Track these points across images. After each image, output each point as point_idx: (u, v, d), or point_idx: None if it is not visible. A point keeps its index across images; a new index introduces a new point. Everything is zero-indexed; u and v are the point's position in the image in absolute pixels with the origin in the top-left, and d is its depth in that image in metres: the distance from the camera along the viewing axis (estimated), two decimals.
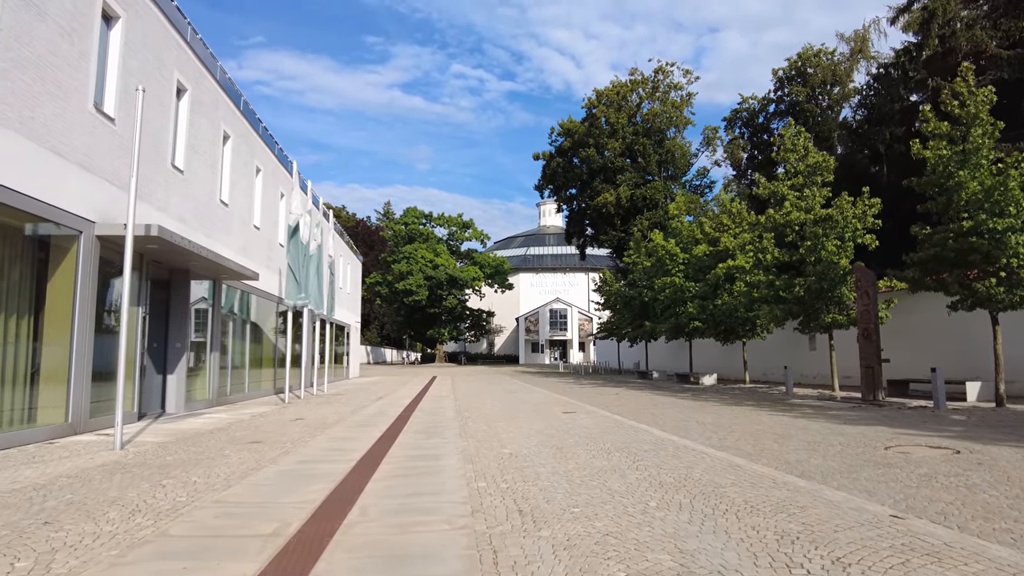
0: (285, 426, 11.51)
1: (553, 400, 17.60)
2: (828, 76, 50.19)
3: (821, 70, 50.71)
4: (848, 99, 49.60)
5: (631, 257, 33.37)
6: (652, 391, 21.41)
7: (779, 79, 52.46)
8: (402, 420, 12.55)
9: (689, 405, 15.41)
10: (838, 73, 50.17)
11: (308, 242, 19.57)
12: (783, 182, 18.33)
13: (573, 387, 24.40)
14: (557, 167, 48.45)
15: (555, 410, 14.27)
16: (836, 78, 50.32)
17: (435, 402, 17.51)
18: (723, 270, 22.02)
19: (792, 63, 51.34)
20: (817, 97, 51.38)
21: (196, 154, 14.56)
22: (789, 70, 51.61)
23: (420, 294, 60.02)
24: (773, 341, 23.72)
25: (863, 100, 46.43)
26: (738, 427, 10.79)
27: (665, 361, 35.30)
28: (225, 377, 17.69)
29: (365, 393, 21.88)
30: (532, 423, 11.59)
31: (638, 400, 17.27)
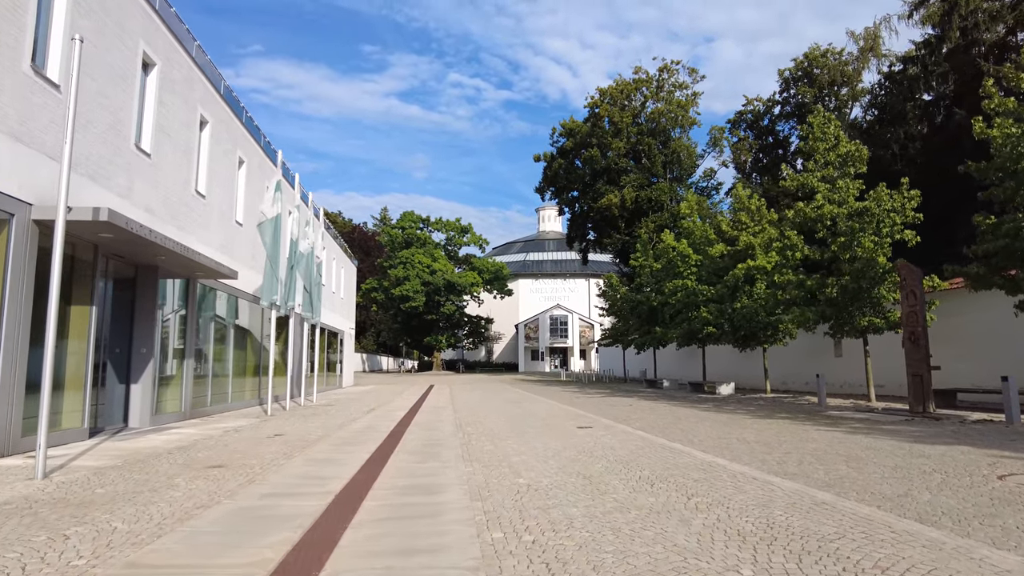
0: (259, 444, 9.92)
1: (562, 412, 16.02)
2: (836, 76, 48.95)
3: (828, 70, 49.49)
4: (858, 99, 48.30)
5: (638, 260, 31.85)
6: (668, 402, 19.84)
7: (785, 80, 51.22)
8: (395, 437, 10.97)
9: (717, 418, 13.84)
10: (846, 73, 48.93)
11: (297, 240, 18.03)
12: (812, 173, 16.84)
13: (580, 397, 22.81)
14: (559, 168, 46.94)
15: (568, 424, 12.69)
16: (844, 78, 49.06)
17: (432, 414, 15.93)
18: (742, 271, 20.49)
19: (798, 63, 50.10)
20: (824, 98, 50.13)
21: (167, 137, 13.02)
22: (795, 70, 50.37)
23: (417, 300, 58.37)
24: (794, 348, 22.19)
25: (873, 100, 45.11)
26: (789, 445, 9.23)
27: (674, 369, 33.69)
28: (204, 386, 16.12)
29: (357, 404, 20.27)
30: (546, 441, 10.02)
31: (656, 412, 15.71)
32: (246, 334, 19.33)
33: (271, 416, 15.46)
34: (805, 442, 9.62)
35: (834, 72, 49.12)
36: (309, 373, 24.84)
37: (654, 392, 25.42)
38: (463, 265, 66.92)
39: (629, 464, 7.66)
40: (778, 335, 20.65)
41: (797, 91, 50.28)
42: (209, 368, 16.73)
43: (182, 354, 14.22)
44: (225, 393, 17.72)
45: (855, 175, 16.58)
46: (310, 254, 20.25)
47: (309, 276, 19.53)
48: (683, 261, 25.45)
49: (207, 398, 16.28)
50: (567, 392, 26.63)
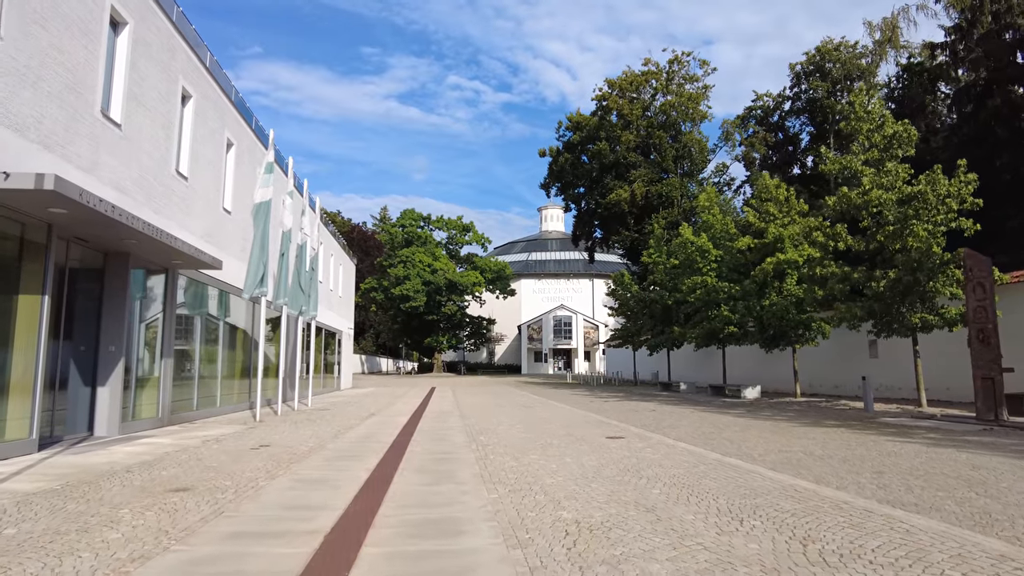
0: (240, 458, 8.41)
1: (582, 418, 14.51)
2: (852, 70, 47.51)
3: (842, 64, 48.05)
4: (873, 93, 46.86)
5: (651, 256, 30.32)
6: (692, 407, 18.34)
7: (796, 74, 49.77)
8: (398, 449, 9.46)
9: (761, 426, 12.34)
10: (860, 67, 47.53)
11: (289, 230, 16.54)
12: (856, 156, 15.35)
13: (594, 401, 21.30)
14: (565, 163, 45.36)
15: (594, 434, 11.18)
16: (858, 72, 47.64)
17: (438, 420, 14.42)
18: (771, 265, 18.99)
19: (810, 57, 48.70)
20: (837, 93, 48.69)
21: (142, 109, 11.53)
22: (807, 64, 48.94)
23: (418, 300, 56.78)
24: (822, 349, 20.69)
25: (890, 93, 43.66)
26: (874, 462, 7.74)
27: (689, 371, 32.15)
28: (187, 389, 14.65)
29: (356, 408, 18.76)
30: (577, 455, 8.52)
31: (687, 418, 14.21)
32: (236, 332, 17.84)
33: (260, 422, 13.94)
34: (888, 457, 8.11)
35: (848, 66, 47.71)
36: (304, 375, 23.34)
37: (672, 396, 23.90)
38: (465, 264, 65.34)
39: (693, 489, 6.15)
40: (810, 334, 19.16)
41: (809, 86, 48.84)
42: (194, 369, 15.26)
43: (160, 353, 12.71)
44: (212, 396, 16.24)
45: (902, 158, 15.11)
46: (304, 246, 18.75)
47: (302, 270, 18.03)
48: (702, 256, 23.94)
49: (191, 402, 14.80)
50: (578, 395, 25.12)
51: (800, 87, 49.96)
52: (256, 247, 13.94)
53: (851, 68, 47.59)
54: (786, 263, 18.85)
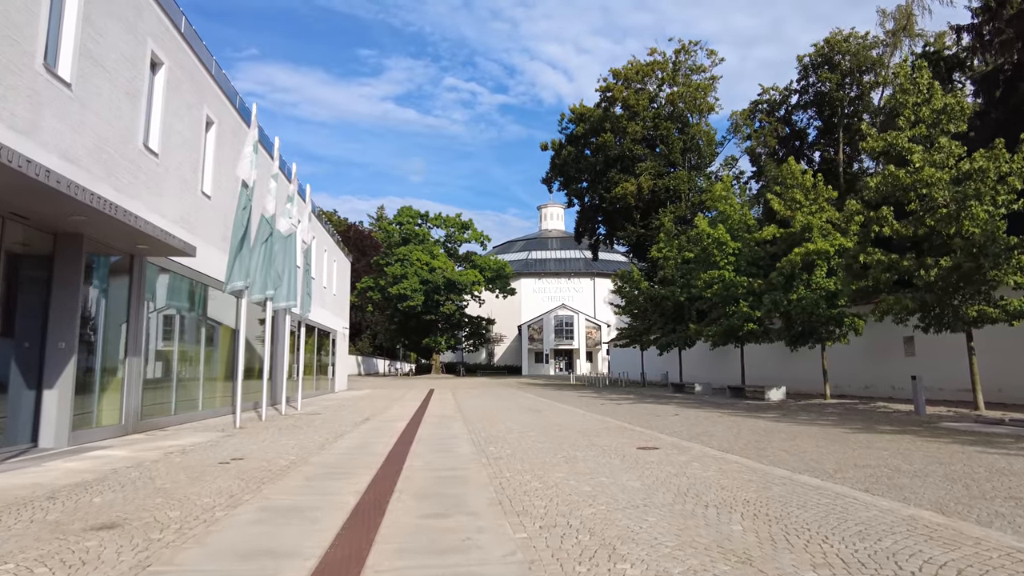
0: (201, 477, 6.90)
1: (600, 424, 13.02)
2: (862, 61, 46.13)
3: (852, 56, 46.67)
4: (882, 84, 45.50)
5: (661, 251, 28.85)
6: (716, 410, 16.86)
7: (804, 67, 48.37)
8: (395, 463, 7.95)
9: (810, 433, 10.86)
10: (870, 59, 46.14)
11: (275, 215, 15.04)
12: (903, 133, 13.88)
13: (605, 403, 19.80)
14: (567, 157, 43.77)
15: (621, 443, 9.69)
16: (869, 63, 46.26)
17: (439, 427, 12.92)
18: (799, 256, 17.52)
19: (819, 49, 47.37)
20: (846, 85, 47.30)
21: (99, 69, 10.01)
22: (816, 56, 47.55)
23: (415, 299, 55.17)
24: (853, 346, 19.19)
25: None
26: (997, 484, 6.26)
27: (701, 372, 30.59)
28: (163, 392, 13.20)
29: (349, 412, 17.25)
30: (613, 473, 7.03)
31: (718, 424, 12.73)
32: (220, 330, 16.33)
33: (240, 429, 12.42)
34: (1004, 477, 6.62)
35: (858, 57, 46.33)
36: (293, 376, 21.81)
37: (688, 398, 22.40)
38: (464, 263, 63.74)
39: (785, 523, 4.65)
40: (842, 331, 17.70)
41: (818, 78, 47.40)
42: (170, 370, 13.77)
43: (124, 351, 11.17)
44: (192, 400, 14.76)
45: (954, 134, 13.65)
46: (293, 237, 17.23)
47: (290, 262, 16.51)
48: (719, 249, 22.47)
49: (168, 406, 13.33)
50: (586, 398, 23.61)
51: (808, 80, 48.58)
52: (237, 234, 12.42)
53: (861, 60, 46.23)
54: (815, 253, 17.38)
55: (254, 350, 18.11)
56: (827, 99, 47.66)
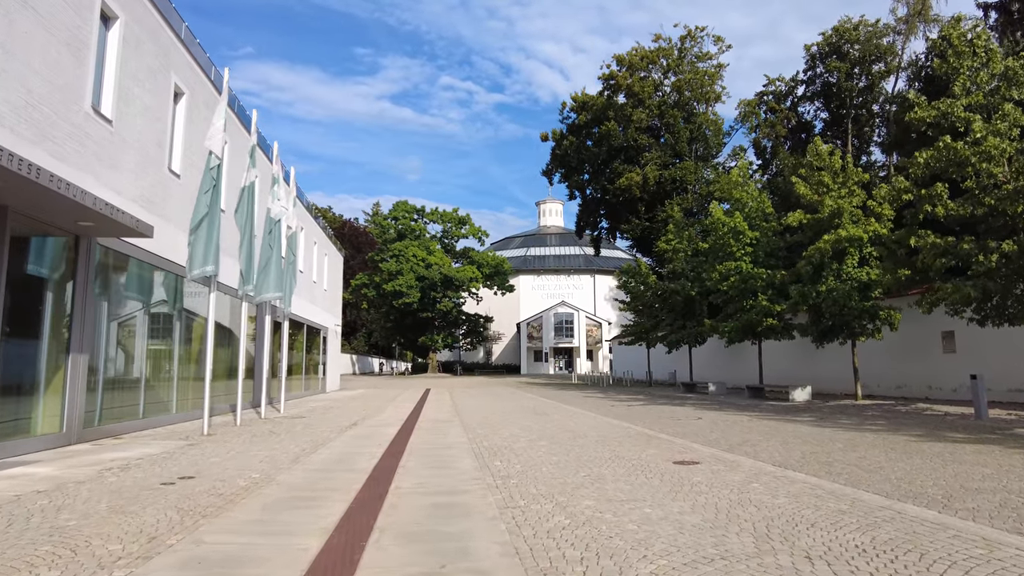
0: (125, 507, 5.34)
1: (618, 430, 11.49)
2: (872, 50, 44.62)
3: (861, 45, 45.21)
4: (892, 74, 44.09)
5: (670, 243, 27.32)
6: (742, 413, 15.36)
7: (811, 56, 46.90)
8: (378, 484, 6.40)
9: (867, 441, 9.34)
10: (881, 47, 44.68)
11: (248, 192, 13.46)
12: (957, 100, 12.35)
13: (616, 405, 18.28)
14: (569, 147, 42.11)
15: (651, 456, 8.15)
16: (879, 52, 44.78)
17: (435, 434, 11.37)
18: (829, 244, 16.00)
19: (827, 37, 45.88)
20: (855, 75, 45.82)
21: (27, 10, 8.43)
22: (823, 45, 46.06)
23: (411, 296, 53.50)
24: (883, 342, 17.63)
25: (917, 72, 40.80)
26: None
27: (712, 370, 28.98)
28: (128, 394, 11.71)
29: (336, 415, 15.71)
30: (658, 500, 5.50)
31: (754, 430, 11.21)
32: (194, 324, 14.78)
33: (208, 436, 10.86)
34: None
35: (868, 46, 44.85)
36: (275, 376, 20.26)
37: (704, 399, 20.87)
38: (461, 259, 62.06)
39: None
40: (876, 325, 16.20)
41: (826, 68, 45.86)
42: (138, 369, 12.24)
43: (68, 348, 9.59)
44: (162, 403, 13.26)
45: (1016, 101, 12.13)
46: (278, 223, 15.67)
47: (274, 250, 14.94)
48: (736, 239, 20.94)
49: (130, 410, 11.80)
50: (592, 398, 22.07)
51: (815, 70, 47.16)
52: (200, 210, 10.85)
53: (871, 49, 44.78)
54: (847, 241, 15.86)
55: (232, 347, 16.55)
56: (835, 89, 46.22)
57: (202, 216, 10.69)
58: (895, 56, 44.68)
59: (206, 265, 10.61)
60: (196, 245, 10.56)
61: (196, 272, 10.67)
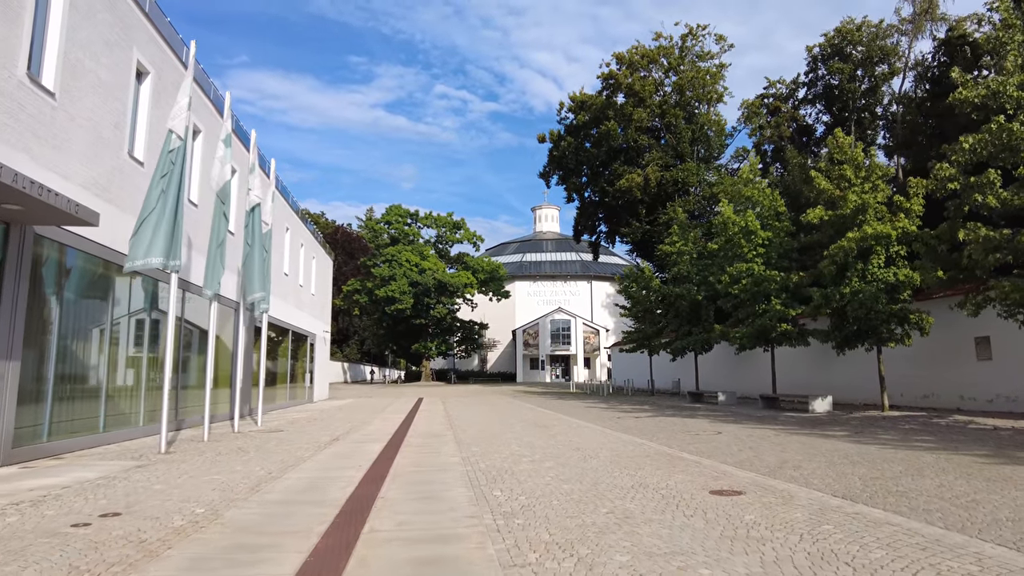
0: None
1: (633, 447, 10.17)
2: (876, 51, 43.69)
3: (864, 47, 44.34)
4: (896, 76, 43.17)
5: (675, 246, 26.06)
6: (764, 426, 14.06)
7: (813, 57, 45.99)
8: (348, 526, 5.04)
9: (932, 464, 8.03)
10: (884, 48, 43.77)
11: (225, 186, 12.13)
12: (1008, 78, 11.14)
13: (622, 417, 16.96)
14: (567, 149, 40.81)
15: (679, 481, 6.83)
16: (883, 53, 43.85)
17: (425, 451, 10.01)
18: (854, 242, 14.75)
19: (829, 39, 44.98)
20: (858, 78, 44.89)
21: None
22: (826, 46, 45.15)
23: (404, 302, 52.03)
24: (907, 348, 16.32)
25: (924, 72, 39.81)
26: None
27: (719, 379, 27.57)
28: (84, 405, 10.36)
29: (319, 428, 14.32)
30: (709, 551, 4.18)
31: (787, 448, 9.91)
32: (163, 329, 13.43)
33: (165, 455, 9.49)
34: None
35: (871, 48, 43.95)
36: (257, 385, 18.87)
37: (715, 409, 19.54)
38: (455, 264, 60.66)
39: None
40: (906, 329, 14.93)
41: (827, 69, 44.86)
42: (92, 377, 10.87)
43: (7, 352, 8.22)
44: (124, 415, 11.93)
45: None
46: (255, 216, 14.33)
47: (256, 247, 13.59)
48: (748, 239, 19.68)
49: (87, 423, 10.47)
50: (595, 409, 20.73)
51: (817, 72, 46.24)
52: (153, 194, 9.50)
53: (874, 50, 43.86)
54: (874, 238, 14.62)
55: (203, 353, 15.18)
56: (837, 92, 45.33)
57: (154, 201, 9.32)
58: (899, 58, 43.81)
59: (151, 256, 9.22)
60: (142, 233, 9.19)
61: (138, 263, 9.28)
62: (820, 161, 17.33)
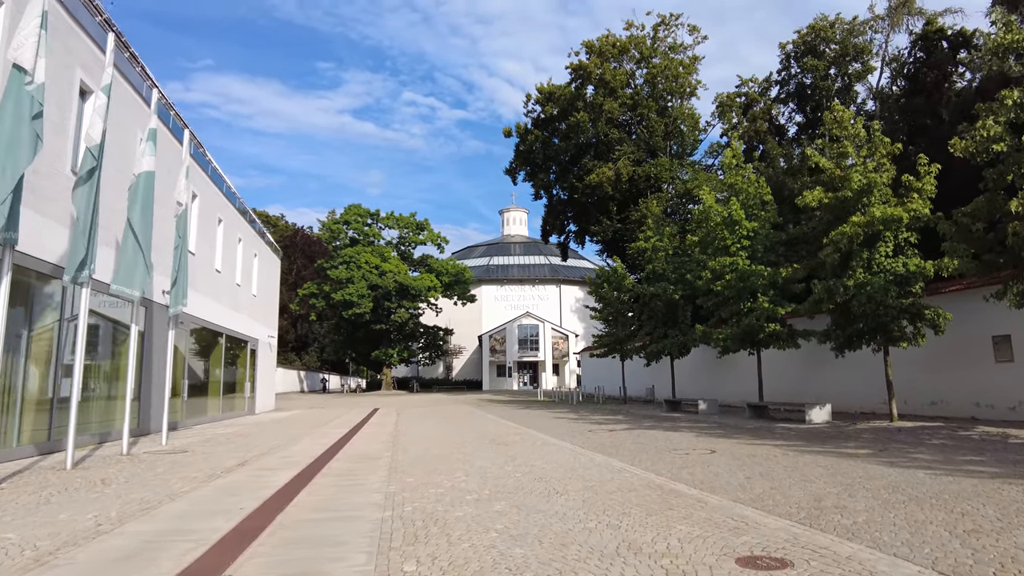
0: None
1: (609, 475, 8.03)
2: (850, 49, 42.82)
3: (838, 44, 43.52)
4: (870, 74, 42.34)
5: (650, 240, 24.10)
6: (762, 441, 12.01)
7: (786, 55, 44.91)
8: None
9: (996, 495, 5.98)
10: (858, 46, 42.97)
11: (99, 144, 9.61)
12: None
13: (595, 431, 14.82)
14: (534, 143, 38.66)
15: (688, 541, 4.67)
16: (856, 51, 42.99)
17: (343, 486, 7.69)
18: (859, 227, 12.85)
19: (802, 35, 44.02)
20: (831, 76, 43.95)
21: None
22: (799, 43, 44.13)
23: (363, 306, 49.16)
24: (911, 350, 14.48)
25: (900, 68, 38.84)
26: None
27: (697, 385, 25.50)
28: None
29: (233, 448, 11.84)
30: None
31: (808, 475, 7.85)
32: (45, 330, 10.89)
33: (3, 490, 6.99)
34: None
35: (845, 45, 43.12)
36: (175, 395, 16.24)
37: (697, 420, 17.46)
38: (418, 267, 57.98)
39: None
40: (918, 328, 13.08)
41: (805, 63, 43.72)
42: None
43: None
44: None
45: None
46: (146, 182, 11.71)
47: (144, 222, 11.06)
48: (731, 231, 17.75)
49: None
50: (564, 420, 18.55)
51: (790, 70, 45.20)
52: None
53: (848, 47, 42.98)
54: (883, 222, 12.74)
55: (97, 357, 12.59)
56: (810, 91, 44.38)
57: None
58: (872, 56, 43.07)
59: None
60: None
61: None
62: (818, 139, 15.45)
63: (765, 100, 45.85)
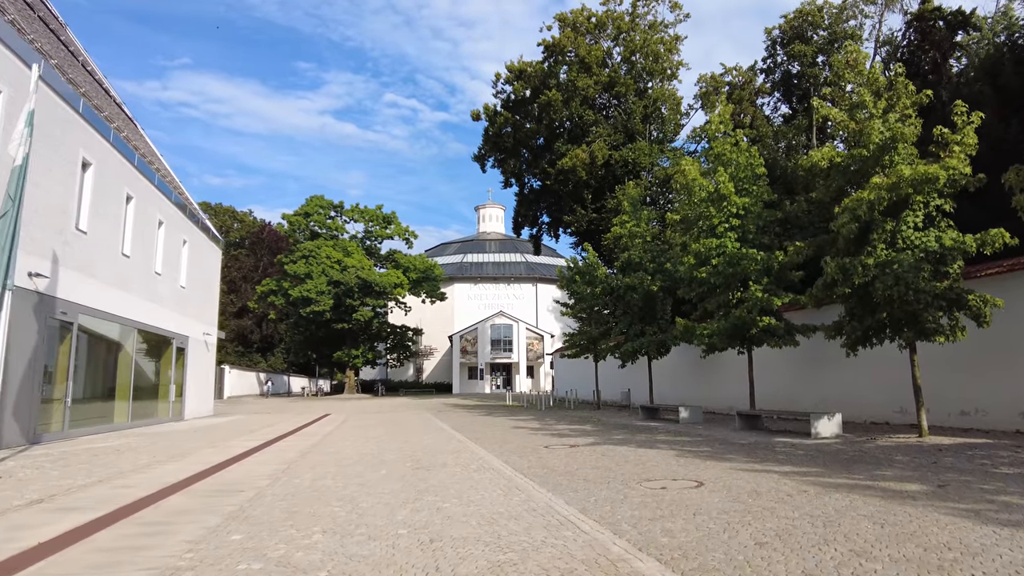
0: None
1: (544, 533, 5.31)
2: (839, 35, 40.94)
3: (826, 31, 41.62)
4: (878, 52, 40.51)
5: (626, 226, 21.39)
6: (764, 465, 9.32)
7: (772, 41, 42.79)
8: None
9: None
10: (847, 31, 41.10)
11: None
12: None
13: (553, 447, 12.08)
14: (504, 125, 35.80)
15: None
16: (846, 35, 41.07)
17: (98, 569, 4.78)
18: (884, 192, 10.19)
19: (789, 20, 42.01)
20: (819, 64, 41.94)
21: None
22: (786, 28, 42.08)
23: (322, 303, 45.86)
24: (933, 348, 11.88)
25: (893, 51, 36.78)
26: None
27: (677, 390, 22.70)
28: None
29: (68, 473, 8.84)
30: None
31: (867, 541, 5.12)
32: None
33: None
34: None
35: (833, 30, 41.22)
36: (66, 400, 13.20)
37: (679, 432, 14.71)
38: (385, 263, 54.77)
39: None
40: (953, 320, 10.46)
41: (792, 50, 41.58)
42: None
43: None
44: None
45: None
46: None
47: None
48: (719, 208, 15.10)
49: None
50: (523, 431, 15.78)
51: (775, 58, 43.10)
52: None
53: (838, 33, 40.99)
54: (912, 184, 10.09)
55: None
56: (796, 79, 42.38)
57: None
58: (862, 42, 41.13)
59: None
60: None
61: None
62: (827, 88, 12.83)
63: (749, 91, 43.71)
